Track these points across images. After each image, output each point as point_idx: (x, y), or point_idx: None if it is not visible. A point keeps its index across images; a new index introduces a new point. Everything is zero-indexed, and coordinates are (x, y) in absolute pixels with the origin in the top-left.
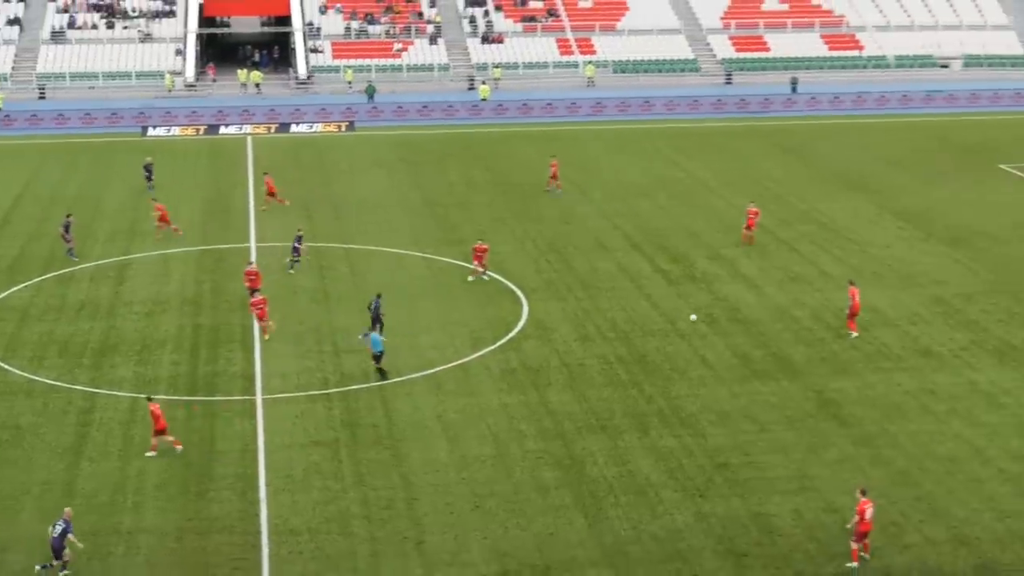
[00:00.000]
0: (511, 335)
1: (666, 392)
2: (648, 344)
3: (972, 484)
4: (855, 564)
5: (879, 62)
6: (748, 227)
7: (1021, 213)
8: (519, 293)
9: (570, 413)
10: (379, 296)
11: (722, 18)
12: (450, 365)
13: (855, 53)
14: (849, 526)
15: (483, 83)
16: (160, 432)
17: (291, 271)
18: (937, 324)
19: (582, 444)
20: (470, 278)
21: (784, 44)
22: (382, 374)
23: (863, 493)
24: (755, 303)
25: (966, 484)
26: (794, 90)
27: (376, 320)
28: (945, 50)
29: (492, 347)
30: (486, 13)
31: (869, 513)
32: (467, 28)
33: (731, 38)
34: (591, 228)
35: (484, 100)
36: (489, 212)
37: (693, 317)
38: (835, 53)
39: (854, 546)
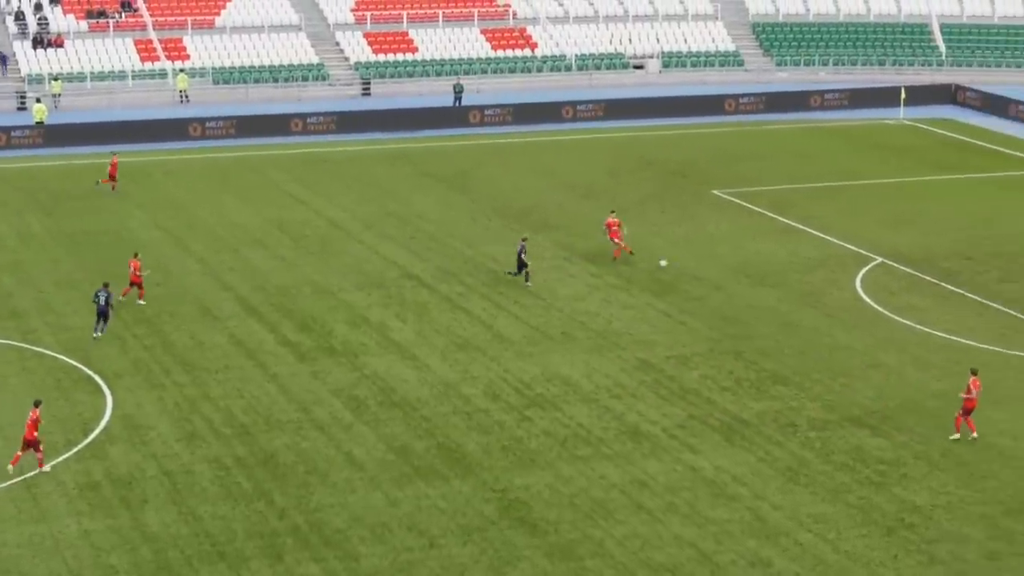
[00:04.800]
0: (91, 438)
1: (303, 503)
2: (276, 440)
3: None
4: (957, 435)
5: (556, 63)
6: (614, 239)
7: (742, 251)
8: (99, 380)
9: (175, 538)
10: (525, 239)
11: (353, 10)
12: (8, 483)
13: (526, 53)
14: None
15: (37, 101)
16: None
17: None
18: (646, 396)
19: None
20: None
21: (436, 42)
22: None
23: (974, 372)
24: (413, 380)
25: None
26: (458, 101)
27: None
28: (638, 47)
29: (66, 455)
30: (38, 7)
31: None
32: (13, 28)
33: (367, 36)
34: (192, 290)
35: (40, 124)
36: (54, 273)
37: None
38: (501, 53)
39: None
